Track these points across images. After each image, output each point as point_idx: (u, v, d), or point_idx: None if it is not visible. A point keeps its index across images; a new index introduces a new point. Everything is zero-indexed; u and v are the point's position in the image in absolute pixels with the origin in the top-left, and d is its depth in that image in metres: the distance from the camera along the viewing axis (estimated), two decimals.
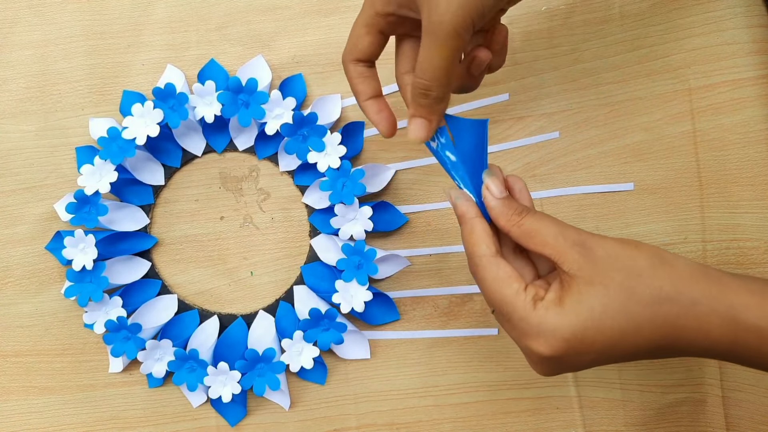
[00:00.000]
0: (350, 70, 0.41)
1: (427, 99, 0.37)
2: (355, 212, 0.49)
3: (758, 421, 0.50)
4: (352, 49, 0.40)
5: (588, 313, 0.33)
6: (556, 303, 0.34)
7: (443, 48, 0.35)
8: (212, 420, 0.51)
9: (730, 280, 0.34)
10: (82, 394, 0.51)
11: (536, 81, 0.51)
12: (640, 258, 0.35)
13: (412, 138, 0.38)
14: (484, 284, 0.36)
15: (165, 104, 0.49)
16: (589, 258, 0.34)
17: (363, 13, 0.39)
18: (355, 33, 0.40)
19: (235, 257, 0.52)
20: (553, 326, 0.34)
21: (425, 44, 0.35)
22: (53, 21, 0.52)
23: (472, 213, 0.38)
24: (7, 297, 0.51)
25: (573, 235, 0.35)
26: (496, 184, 0.37)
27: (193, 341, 0.50)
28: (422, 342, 0.51)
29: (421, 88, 0.36)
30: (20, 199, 0.51)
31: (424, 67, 0.36)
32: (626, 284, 0.34)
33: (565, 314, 0.34)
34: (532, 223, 0.36)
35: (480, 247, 0.36)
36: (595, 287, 0.34)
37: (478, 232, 0.37)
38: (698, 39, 0.50)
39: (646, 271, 0.34)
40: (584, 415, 0.51)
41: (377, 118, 0.41)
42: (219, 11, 0.52)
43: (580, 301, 0.34)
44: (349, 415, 0.51)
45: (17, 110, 0.51)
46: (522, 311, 0.34)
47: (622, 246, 0.35)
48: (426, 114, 0.37)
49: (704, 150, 0.50)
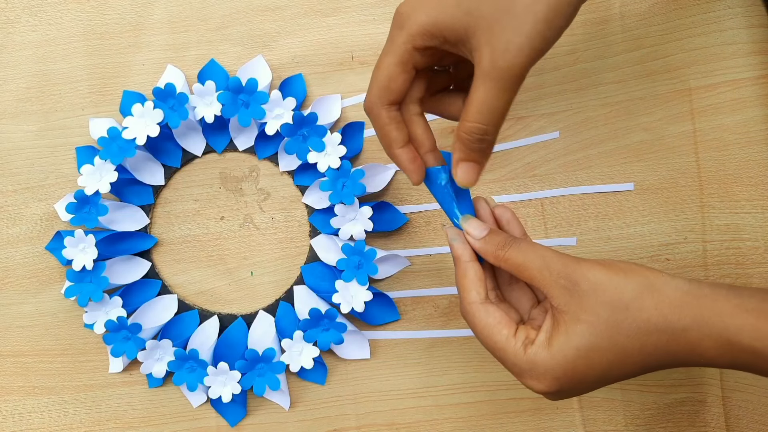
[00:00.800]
0: (382, 116, 0.37)
1: (483, 144, 0.36)
2: (355, 212, 0.49)
3: (758, 421, 0.50)
4: (384, 90, 0.36)
5: (575, 351, 0.34)
6: (545, 345, 0.35)
7: (507, 92, 0.34)
8: (212, 420, 0.51)
9: (725, 300, 0.34)
10: (82, 394, 0.51)
11: (536, 81, 0.51)
12: (627, 289, 0.34)
13: (464, 184, 0.37)
14: (476, 329, 0.37)
15: (165, 104, 0.49)
16: (574, 293, 0.35)
17: (395, 49, 0.35)
18: (386, 72, 0.36)
19: (235, 257, 0.52)
20: (543, 368, 0.35)
21: (486, 88, 0.34)
22: (53, 21, 0.52)
23: (467, 257, 0.38)
24: (7, 297, 0.51)
25: (558, 267, 0.35)
26: (474, 227, 0.38)
27: (193, 341, 0.50)
28: (422, 342, 0.51)
29: (478, 134, 0.35)
30: (20, 199, 0.51)
31: (483, 111, 0.34)
32: (612, 319, 0.34)
33: (553, 356, 0.34)
34: (517, 256, 0.36)
35: (470, 294, 0.37)
36: (581, 325, 0.34)
37: (470, 277, 0.37)
38: (698, 39, 0.50)
39: (632, 303, 0.34)
40: (584, 415, 0.51)
41: (412, 167, 0.38)
42: (219, 11, 0.52)
43: (568, 341, 0.34)
44: (349, 415, 0.51)
45: (17, 110, 0.52)
46: (513, 357, 0.35)
47: (609, 275, 0.35)
48: (479, 159, 0.36)
49: (704, 150, 0.50)
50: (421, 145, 0.38)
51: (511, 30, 0.33)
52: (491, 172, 0.51)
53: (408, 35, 0.35)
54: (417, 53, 0.35)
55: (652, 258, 0.50)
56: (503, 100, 0.34)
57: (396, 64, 0.36)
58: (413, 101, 0.38)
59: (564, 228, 0.51)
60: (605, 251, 0.51)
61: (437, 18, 0.34)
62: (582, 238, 0.51)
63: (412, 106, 0.38)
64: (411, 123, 0.38)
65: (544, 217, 0.51)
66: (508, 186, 0.51)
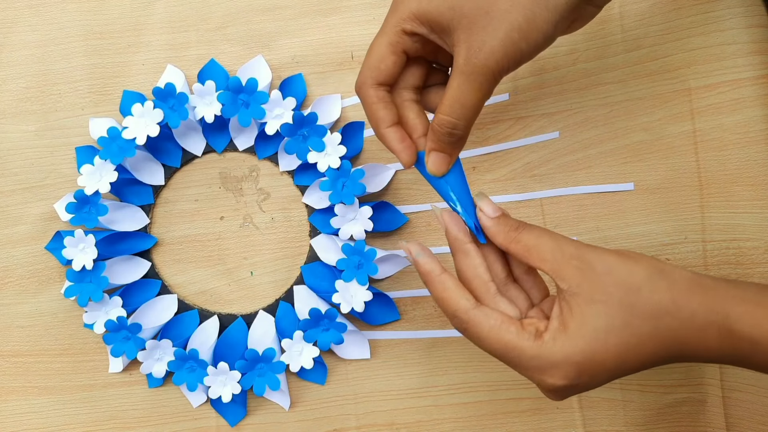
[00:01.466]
0: (370, 95, 0.37)
1: (452, 137, 0.37)
2: (355, 212, 0.49)
3: (758, 421, 0.50)
4: (374, 71, 0.37)
5: (593, 333, 0.34)
6: (561, 330, 0.34)
7: (478, 90, 0.35)
8: (212, 420, 0.51)
9: (726, 289, 0.34)
10: (82, 394, 0.51)
11: (536, 81, 0.51)
12: (639, 272, 0.35)
13: (433, 171, 0.38)
14: (480, 337, 0.36)
15: (165, 104, 0.49)
16: (587, 274, 0.35)
17: (387, 31, 0.36)
18: (377, 53, 0.37)
19: (235, 257, 0.52)
20: (563, 354, 0.34)
21: (459, 83, 0.35)
22: (53, 21, 0.52)
23: (438, 269, 0.37)
24: (7, 297, 0.51)
25: (570, 250, 0.35)
26: (489, 205, 0.38)
27: (193, 341, 0.50)
28: (422, 342, 0.51)
29: (448, 126, 0.36)
30: (20, 199, 0.51)
31: (455, 106, 0.36)
32: (626, 300, 0.34)
33: (571, 339, 0.34)
34: (529, 238, 0.36)
35: (460, 302, 0.36)
36: (596, 305, 0.34)
37: (451, 288, 0.36)
38: (698, 39, 0.50)
39: (645, 286, 0.34)
40: (584, 415, 0.51)
41: (400, 147, 0.38)
42: (219, 11, 0.52)
43: (584, 323, 0.34)
44: (349, 415, 0.51)
45: (17, 110, 0.51)
46: (530, 350, 0.34)
47: (621, 260, 0.35)
48: (449, 150, 0.37)
49: (704, 150, 0.50)
50: (414, 130, 0.38)
51: (486, 32, 0.34)
52: (491, 172, 0.51)
53: (399, 18, 0.36)
54: (407, 37, 0.36)
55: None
56: (474, 98, 0.35)
57: (386, 45, 0.36)
58: (407, 87, 0.39)
59: (564, 228, 0.51)
60: None
61: (426, 8, 0.35)
62: (582, 238, 0.51)
63: (405, 91, 0.39)
64: (403, 107, 0.38)
65: (544, 217, 0.51)
66: (508, 186, 0.51)
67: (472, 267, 0.37)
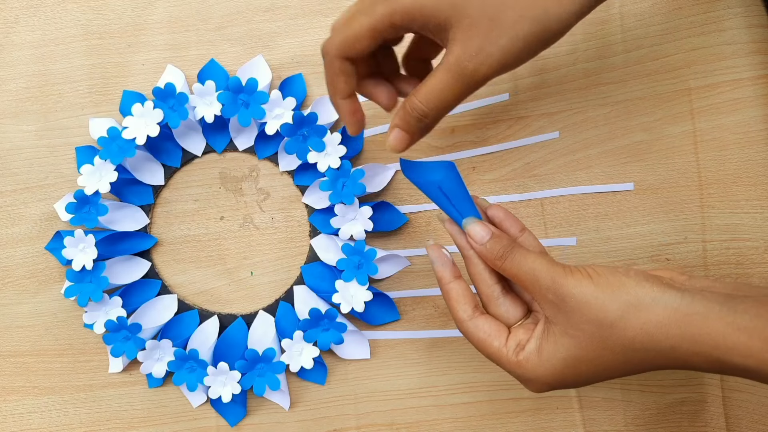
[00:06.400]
0: (335, 64, 0.37)
1: (420, 123, 0.38)
2: (355, 212, 0.49)
3: (758, 421, 0.50)
4: (346, 46, 0.36)
5: (563, 362, 0.36)
6: (536, 353, 0.36)
7: (460, 90, 0.36)
8: (212, 420, 0.51)
9: (719, 316, 0.33)
10: (82, 394, 0.51)
11: (536, 81, 0.51)
12: (612, 307, 0.34)
13: (391, 147, 0.39)
14: (471, 342, 0.39)
15: (165, 104, 0.49)
16: (561, 308, 0.35)
17: (374, 15, 0.35)
18: (356, 32, 0.36)
19: (235, 257, 0.52)
20: (535, 375, 0.36)
21: (443, 78, 0.36)
22: (53, 21, 0.52)
23: (447, 277, 0.39)
24: (7, 297, 0.51)
25: (547, 283, 0.36)
26: (477, 231, 0.38)
27: (193, 341, 0.50)
28: (422, 342, 0.51)
29: (418, 113, 0.37)
30: (20, 199, 0.51)
31: (430, 96, 0.36)
32: (597, 335, 0.35)
33: (543, 363, 0.36)
34: (511, 267, 0.37)
35: (458, 313, 0.38)
36: (568, 338, 0.35)
37: (453, 298, 0.39)
38: (698, 39, 0.50)
39: (617, 323, 0.34)
40: (584, 415, 0.51)
41: (351, 119, 0.39)
42: (219, 11, 0.52)
43: (557, 351, 0.36)
44: (349, 415, 0.51)
45: (17, 110, 0.51)
46: (507, 364, 0.37)
47: (596, 293, 0.35)
48: (413, 132, 0.38)
49: (704, 150, 0.50)
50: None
51: (487, 37, 0.34)
52: (491, 172, 0.51)
53: (391, 8, 0.35)
54: (392, 29, 0.36)
55: (652, 258, 0.50)
56: (453, 95, 0.36)
57: (368, 29, 0.36)
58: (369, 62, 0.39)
59: (564, 228, 0.51)
60: (605, 251, 0.51)
61: (423, 3, 0.35)
62: (582, 238, 0.51)
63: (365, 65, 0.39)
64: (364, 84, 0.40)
65: (543, 217, 0.51)
66: (508, 186, 0.51)
67: (476, 273, 0.39)
